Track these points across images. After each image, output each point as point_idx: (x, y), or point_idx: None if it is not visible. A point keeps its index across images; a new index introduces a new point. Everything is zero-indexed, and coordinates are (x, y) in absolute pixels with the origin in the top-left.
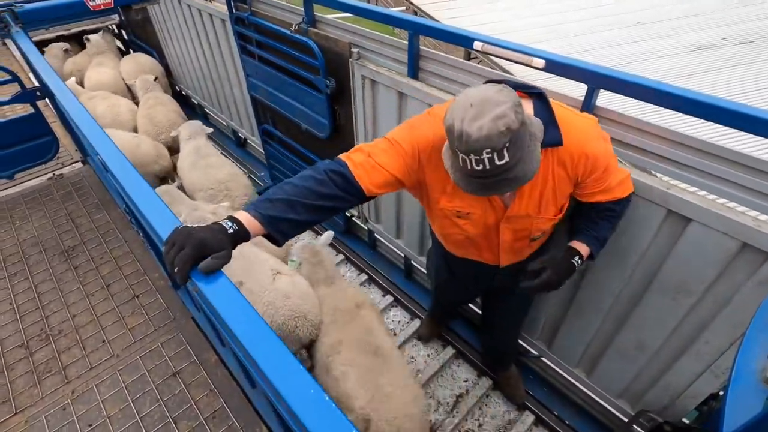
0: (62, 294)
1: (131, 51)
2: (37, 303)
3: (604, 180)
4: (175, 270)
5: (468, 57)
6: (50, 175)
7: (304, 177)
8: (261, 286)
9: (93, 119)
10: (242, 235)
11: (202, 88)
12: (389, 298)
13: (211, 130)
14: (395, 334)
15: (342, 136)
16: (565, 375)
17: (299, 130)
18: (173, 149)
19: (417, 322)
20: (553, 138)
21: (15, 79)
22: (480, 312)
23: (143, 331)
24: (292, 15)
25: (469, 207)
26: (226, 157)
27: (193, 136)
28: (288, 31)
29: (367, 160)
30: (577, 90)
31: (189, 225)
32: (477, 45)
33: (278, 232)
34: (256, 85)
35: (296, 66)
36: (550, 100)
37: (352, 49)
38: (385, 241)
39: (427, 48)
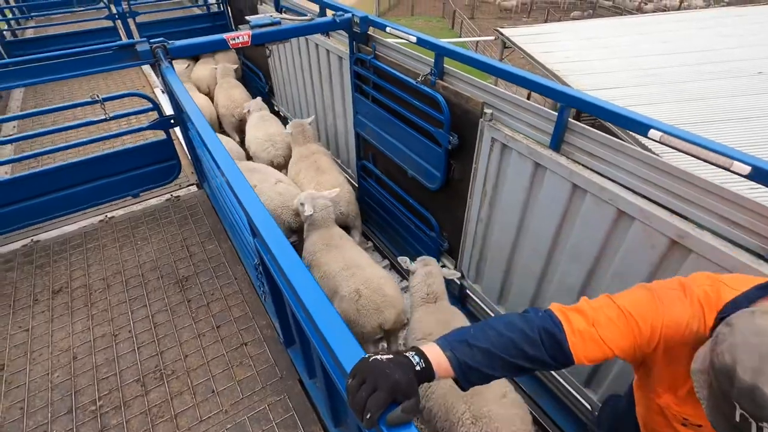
0: (176, 329)
1: None
2: (153, 335)
3: None
4: (367, 416)
5: (577, 117)
6: (168, 196)
7: (513, 326)
8: (268, 186)
9: (242, 175)
10: (427, 375)
11: (302, 113)
12: None
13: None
14: None
15: (453, 190)
16: None
17: (403, 175)
18: (243, 122)
19: None
20: None
21: (155, 107)
22: None
23: (251, 386)
24: (420, 64)
25: (702, 419)
26: None
27: (259, 110)
28: (414, 81)
29: (588, 330)
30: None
31: (377, 358)
32: (654, 134)
33: (466, 380)
34: (364, 124)
35: (415, 115)
36: None
37: (485, 110)
38: (479, 301)
39: (576, 122)
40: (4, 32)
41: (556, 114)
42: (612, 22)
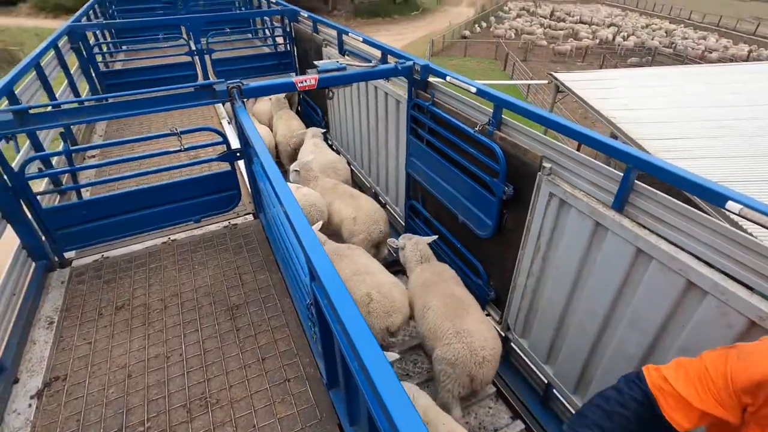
0: (224, 357)
1: None
2: (202, 361)
3: None
4: None
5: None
6: (227, 223)
7: (609, 400)
8: (293, 190)
9: (303, 216)
10: None
11: (356, 149)
12: (519, 425)
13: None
14: None
15: (503, 240)
16: None
17: (453, 219)
18: (296, 149)
19: None
20: None
21: (225, 141)
22: None
23: (290, 426)
24: (478, 114)
25: None
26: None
27: (315, 136)
28: (471, 130)
29: (682, 392)
30: None
31: None
32: (732, 206)
33: None
34: (416, 165)
35: (470, 162)
36: None
37: (544, 164)
38: (524, 357)
39: (643, 184)
40: (99, 63)
41: (621, 174)
42: (673, 70)
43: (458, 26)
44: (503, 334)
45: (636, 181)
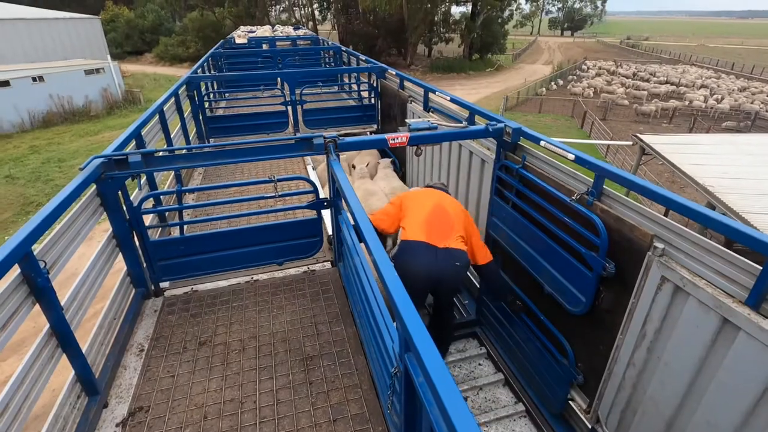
0: (295, 411)
1: None
2: (275, 412)
3: None
4: None
5: (728, 244)
6: (306, 268)
7: None
8: None
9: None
10: None
11: None
12: None
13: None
14: None
15: (598, 320)
16: None
17: (537, 288)
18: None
19: None
20: None
21: (315, 190)
22: None
23: None
24: (574, 181)
25: None
26: None
27: (386, 167)
28: (567, 198)
29: None
30: None
31: None
32: None
33: None
34: (499, 227)
35: (564, 232)
36: None
37: (656, 244)
38: None
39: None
40: (206, 110)
41: (759, 267)
42: None
43: (534, 83)
44: (590, 426)
45: None
